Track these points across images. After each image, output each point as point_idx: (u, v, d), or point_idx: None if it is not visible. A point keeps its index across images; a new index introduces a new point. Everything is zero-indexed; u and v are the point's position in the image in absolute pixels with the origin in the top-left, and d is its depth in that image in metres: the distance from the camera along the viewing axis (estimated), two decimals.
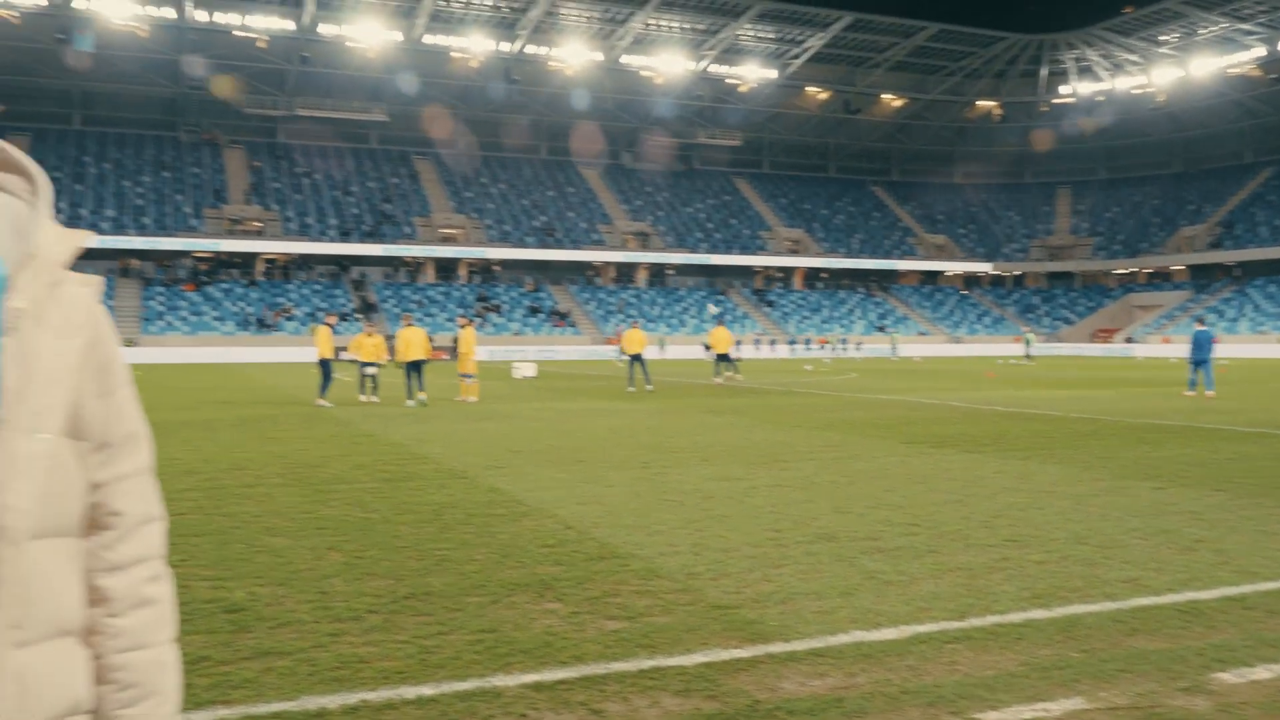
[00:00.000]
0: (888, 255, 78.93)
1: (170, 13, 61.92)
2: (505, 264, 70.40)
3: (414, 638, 4.86)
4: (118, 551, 1.44)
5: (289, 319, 58.16)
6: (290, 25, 64.50)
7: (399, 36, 66.16)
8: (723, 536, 7.16)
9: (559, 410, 19.11)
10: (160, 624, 1.48)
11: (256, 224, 64.86)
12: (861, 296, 76.21)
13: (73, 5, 59.10)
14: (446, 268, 69.26)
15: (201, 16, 62.81)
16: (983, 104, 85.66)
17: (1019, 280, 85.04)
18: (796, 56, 75.17)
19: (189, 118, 71.05)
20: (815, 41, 73.01)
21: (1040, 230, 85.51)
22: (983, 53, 78.73)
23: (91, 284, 1.45)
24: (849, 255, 77.33)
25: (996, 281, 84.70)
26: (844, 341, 65.65)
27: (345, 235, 65.19)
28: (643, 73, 74.25)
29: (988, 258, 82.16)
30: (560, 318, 64.68)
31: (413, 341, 20.73)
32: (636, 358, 25.60)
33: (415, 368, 20.70)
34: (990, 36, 76.55)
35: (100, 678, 1.42)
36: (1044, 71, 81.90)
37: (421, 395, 20.43)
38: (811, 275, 78.81)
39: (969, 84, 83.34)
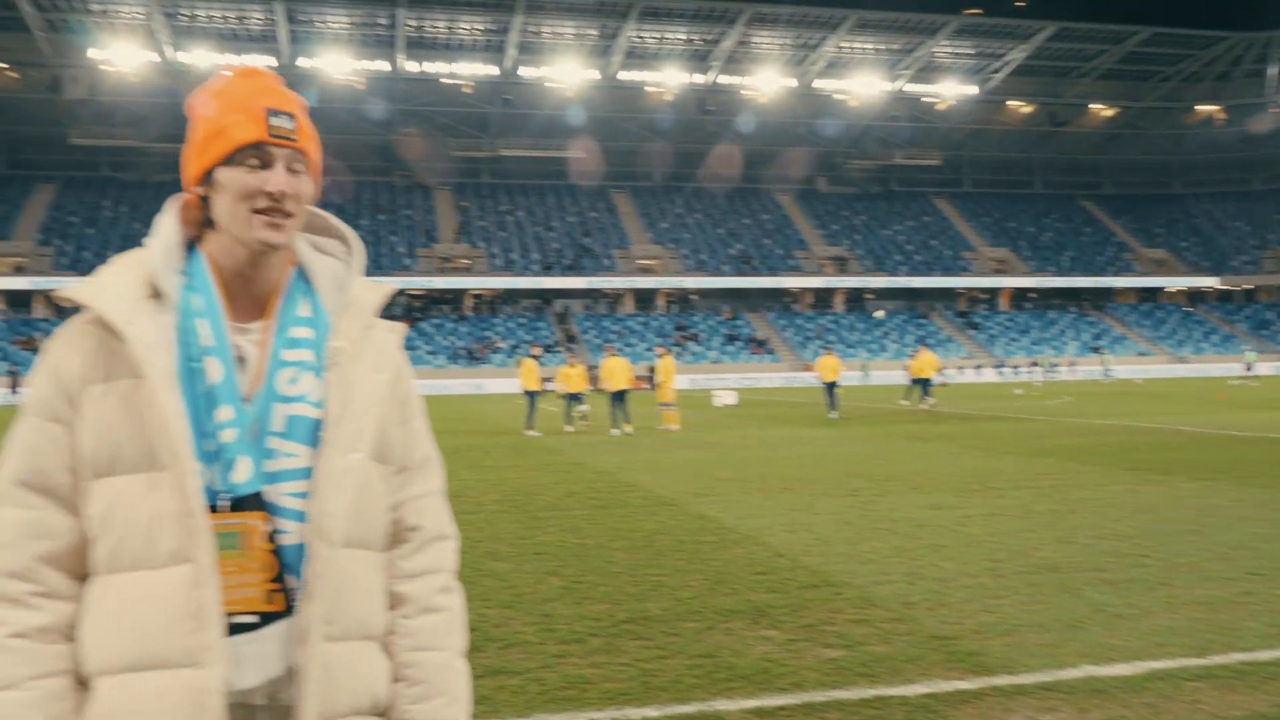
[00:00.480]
0: (1101, 272, 75.09)
1: (384, 65, 65.72)
2: (702, 293, 70.98)
3: (635, 661, 4.99)
4: (413, 562, 1.63)
5: (496, 351, 60.41)
6: (493, 70, 67.34)
7: (596, 74, 68.03)
8: (938, 566, 7.02)
9: (761, 437, 19.11)
10: (449, 631, 1.63)
11: (465, 261, 67.81)
12: (1074, 316, 72.77)
13: (297, 64, 63.60)
14: (645, 298, 70.42)
15: (412, 67, 66.40)
16: (1203, 108, 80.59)
17: (1250, 295, 79.22)
18: (997, 70, 72.92)
19: (401, 163, 75.04)
20: (1017, 54, 70.65)
21: (1273, 240, 79.50)
22: (1202, 54, 74.19)
23: (396, 329, 1.70)
24: (1059, 274, 74.04)
25: (1224, 297, 79.17)
26: (1055, 364, 62.82)
27: (547, 269, 67.31)
28: (836, 96, 73.67)
29: (1214, 271, 76.95)
30: (758, 345, 64.63)
31: (616, 371, 21.19)
32: (830, 385, 25.33)
33: (619, 397, 21.14)
34: (1209, 37, 72.10)
35: (395, 675, 1.58)
36: (1273, 70, 76.42)
37: (628, 428, 20.80)
38: (1018, 295, 75.85)
39: (1187, 88, 78.67)
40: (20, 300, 61.22)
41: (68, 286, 1.51)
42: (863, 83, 71.30)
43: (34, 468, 1.48)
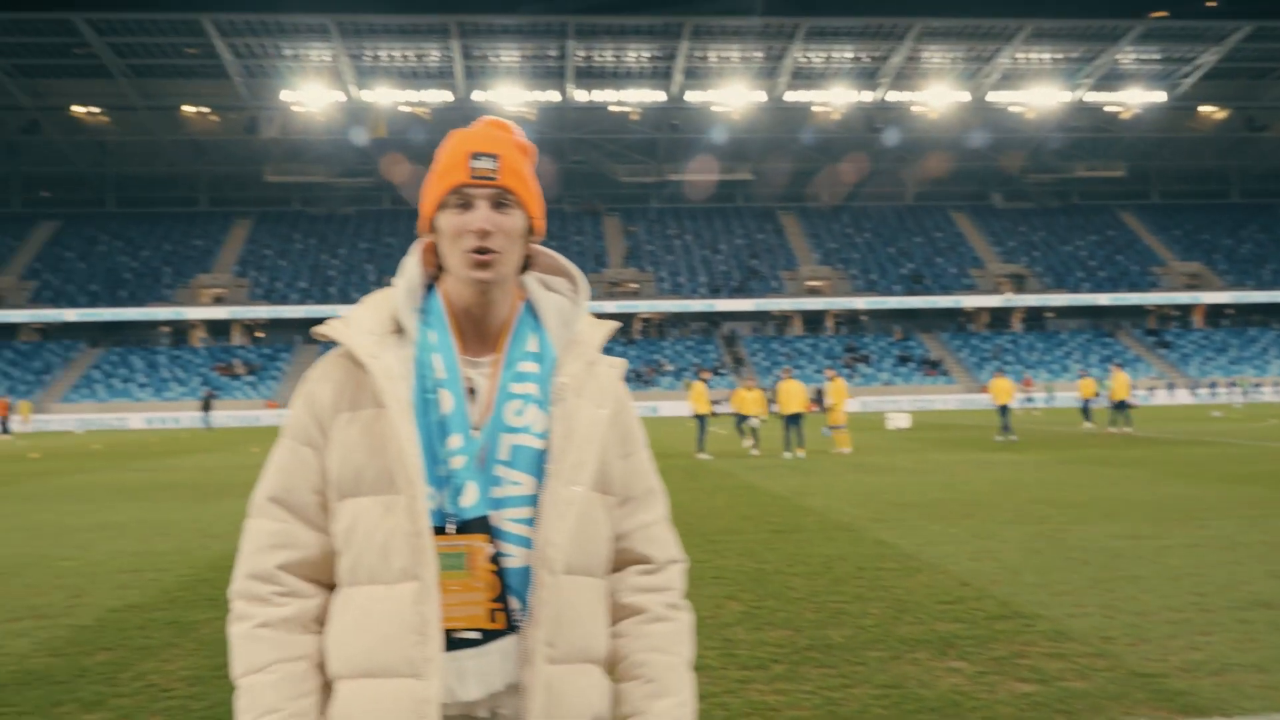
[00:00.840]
0: None
1: (554, 96, 67.42)
2: (872, 313, 69.75)
3: (818, 689, 4.92)
4: (644, 580, 1.72)
5: (664, 374, 60.86)
6: (660, 96, 68.15)
7: (762, 96, 67.98)
8: (1137, 599, 6.66)
9: (939, 462, 18.60)
10: (679, 639, 1.71)
11: (633, 285, 68.68)
12: (1277, 333, 68.09)
13: (472, 98, 65.91)
14: (813, 320, 69.70)
15: (581, 96, 67.88)
16: None
17: None
18: (1187, 75, 69.20)
19: (572, 190, 76.70)
20: (1209, 57, 66.90)
21: None
22: None
23: (618, 365, 1.78)
24: (1260, 288, 69.39)
25: None
26: (1257, 384, 58.90)
27: (715, 292, 67.47)
28: (1012, 108, 71.36)
29: None
30: (932, 366, 63.02)
31: (792, 394, 21.01)
32: (1003, 408, 24.47)
33: (794, 420, 20.94)
34: None
35: (626, 674, 1.68)
36: None
37: (800, 453, 20.58)
38: (1214, 312, 71.51)
39: None
40: (220, 329, 65.31)
41: (325, 323, 1.67)
42: (1040, 94, 68.87)
43: (285, 485, 1.64)
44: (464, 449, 1.57)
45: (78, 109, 67.56)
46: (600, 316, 1.81)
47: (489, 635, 1.54)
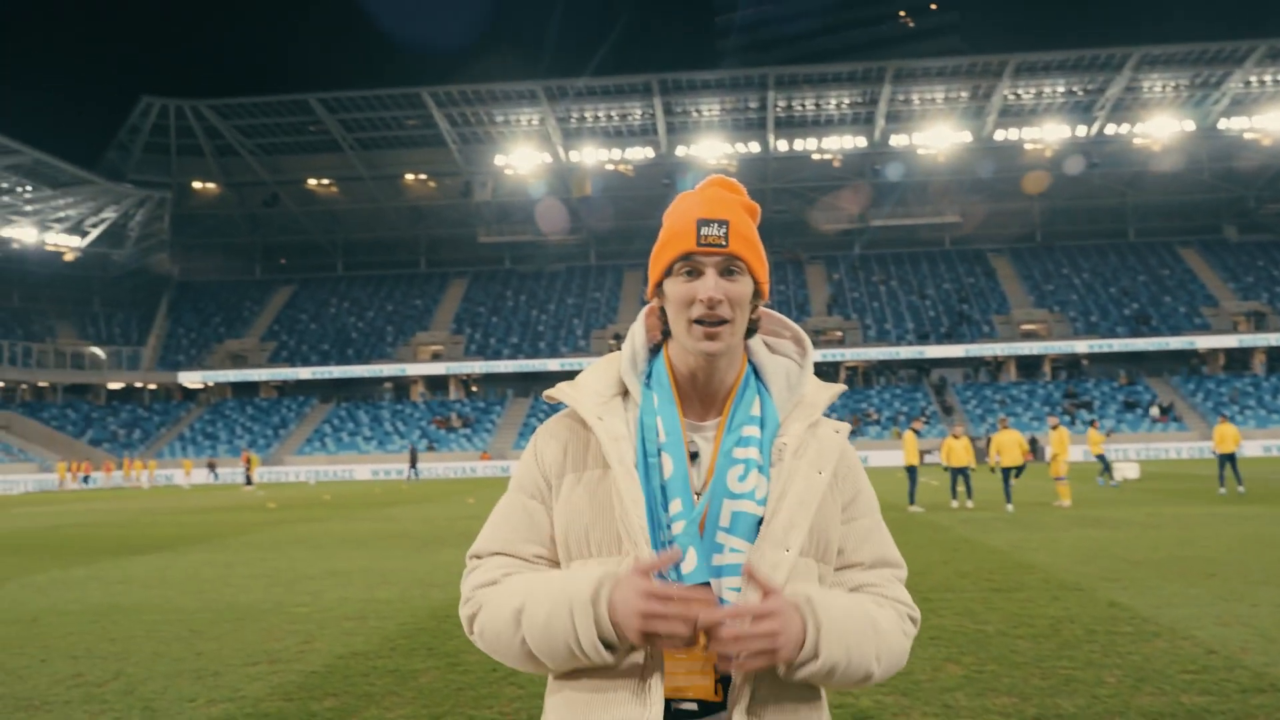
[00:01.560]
0: None
1: (755, 147, 67.79)
2: (1093, 357, 66.17)
3: None
4: (869, 574, 1.70)
5: (871, 424, 59.51)
6: (862, 142, 67.42)
7: (968, 137, 66.25)
8: None
9: (1174, 515, 17.31)
10: (893, 617, 1.65)
11: (838, 333, 67.72)
12: None
13: (675, 153, 67.08)
14: (1029, 365, 66.74)
15: (782, 146, 67.98)
16: None
17: None
18: None
19: (774, 240, 76.62)
20: None
21: None
22: None
23: (843, 428, 1.73)
24: None
25: None
26: None
27: (923, 338, 65.69)
28: (1246, 135, 66.76)
29: None
30: (1162, 412, 59.09)
31: (1008, 444, 20.06)
32: (1227, 457, 22.21)
33: (1011, 472, 19.98)
34: None
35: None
36: None
37: (1009, 506, 19.58)
38: None
39: None
40: (438, 384, 68.37)
41: (556, 387, 1.71)
42: (1276, 118, 64.17)
43: (508, 539, 1.68)
44: (684, 514, 1.55)
45: (311, 181, 72.73)
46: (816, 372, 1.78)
47: (705, 707, 1.51)
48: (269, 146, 69.24)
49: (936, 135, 66.21)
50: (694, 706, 1.50)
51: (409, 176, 72.53)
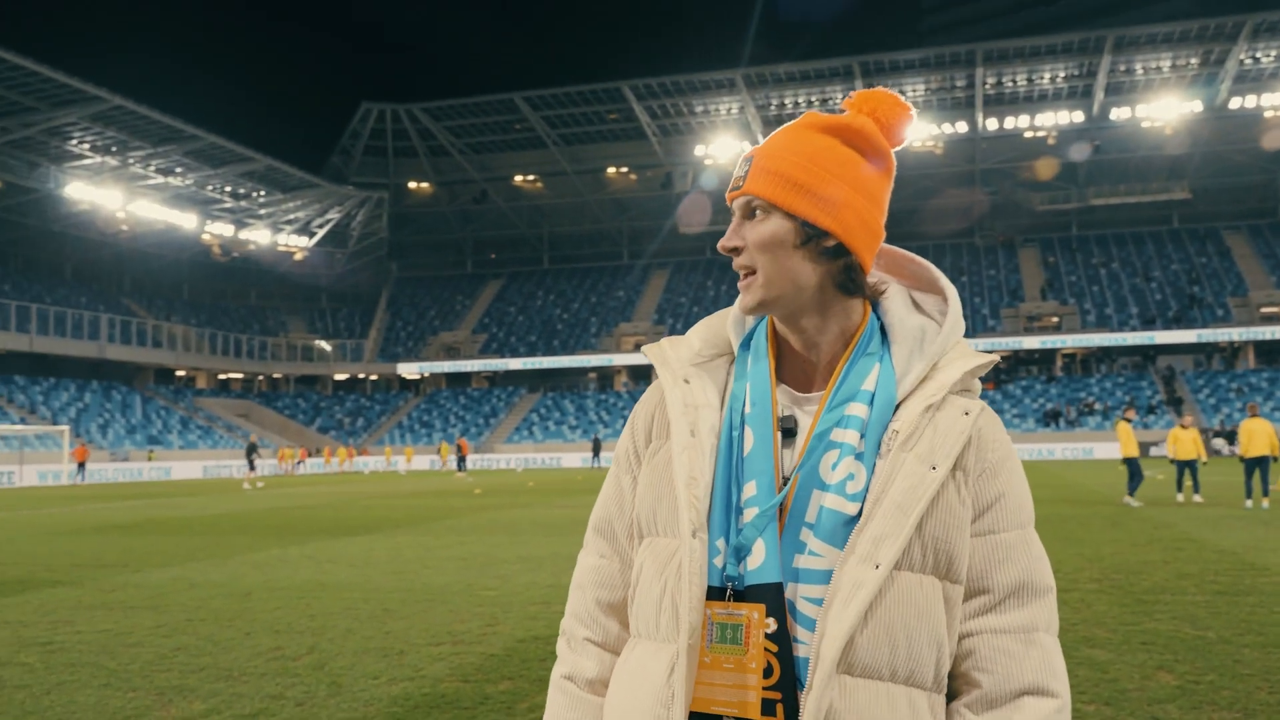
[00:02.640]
0: None
1: (963, 126, 65.30)
2: None
3: None
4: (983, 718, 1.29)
5: (1091, 414, 56.38)
6: (1079, 117, 63.88)
7: (1198, 106, 61.67)
8: None
9: None
10: None
11: (1053, 319, 64.51)
12: None
13: None
14: (1270, 351, 61.63)
15: (991, 124, 65.21)
16: None
17: None
18: None
19: (984, 223, 73.71)
20: None
21: None
22: None
23: (975, 408, 1.35)
24: None
25: None
26: None
27: (1148, 323, 61.69)
28: None
29: None
30: None
31: (1256, 434, 18.32)
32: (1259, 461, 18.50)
33: (1257, 464, 18.31)
34: None
35: None
36: None
37: (1264, 502, 18.00)
38: None
39: None
40: (642, 374, 69.27)
41: (657, 342, 1.50)
42: None
43: (604, 516, 1.51)
44: (759, 500, 1.30)
45: (518, 178, 75.05)
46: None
47: None
48: (478, 145, 71.86)
49: (1162, 106, 61.91)
50: None
51: (611, 170, 73.73)
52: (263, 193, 67.05)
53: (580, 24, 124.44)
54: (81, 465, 41.94)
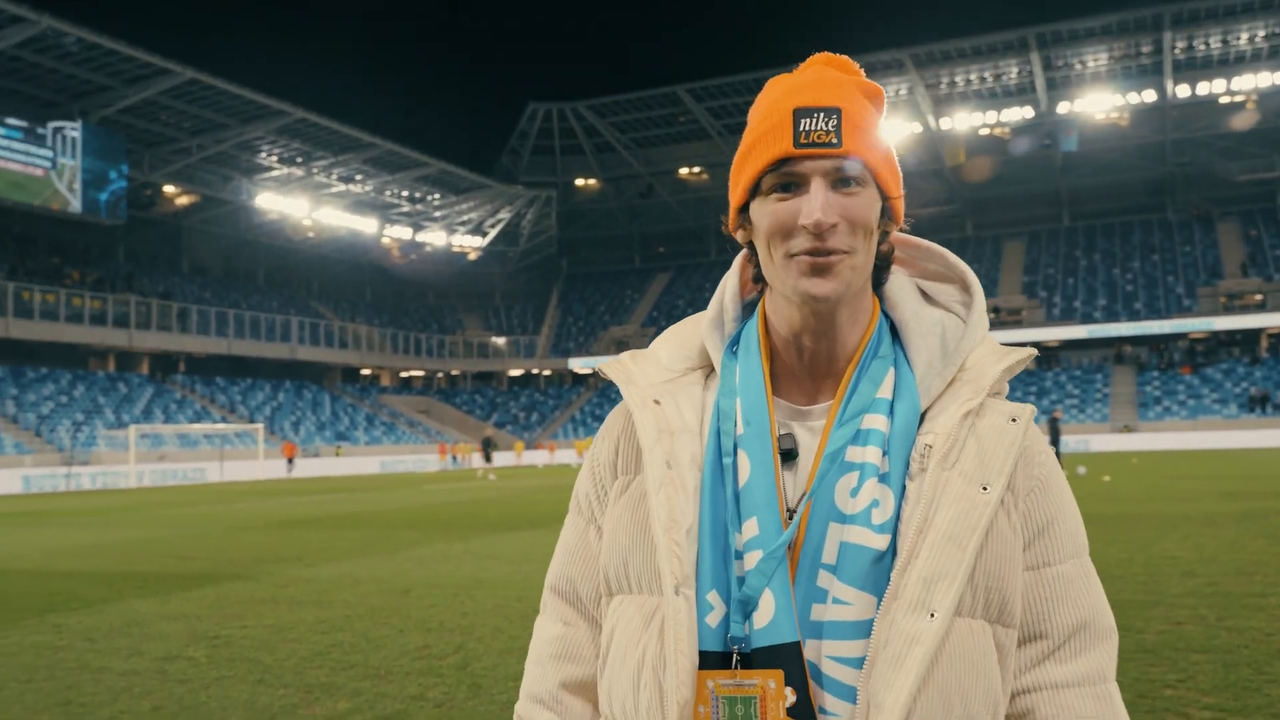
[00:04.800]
0: None
1: (1150, 95, 61.59)
2: None
3: None
4: None
5: None
6: None
7: None
8: None
9: None
10: None
11: (1257, 297, 60.16)
12: None
13: (1056, 111, 62.47)
14: None
15: (1182, 91, 61.26)
16: None
17: None
18: None
19: (1176, 196, 69.43)
20: None
21: None
22: None
23: (1022, 414, 1.14)
24: None
25: None
26: None
27: None
28: None
29: None
30: None
31: None
32: None
33: None
34: None
35: None
36: None
37: None
38: None
39: None
40: None
41: (616, 357, 1.24)
42: None
43: (564, 574, 1.26)
44: (763, 541, 1.07)
45: (683, 170, 75.14)
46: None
47: None
48: (642, 140, 72.27)
49: None
50: None
51: None
52: (437, 196, 69.29)
53: (742, 10, 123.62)
54: (290, 461, 45.26)
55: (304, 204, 61.70)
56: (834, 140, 1.09)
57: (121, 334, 49.53)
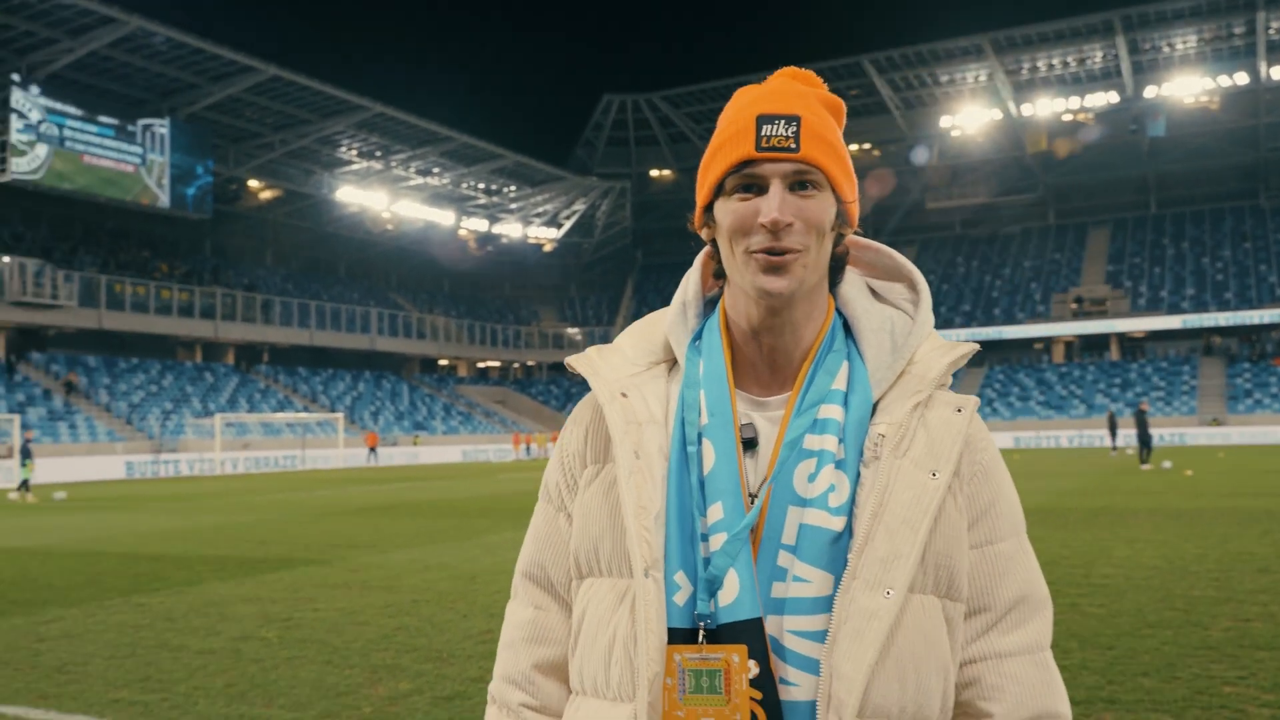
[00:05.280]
0: None
1: (1242, 78, 59.66)
2: None
3: None
4: None
5: None
6: None
7: None
8: None
9: None
10: None
11: None
12: None
13: (1143, 96, 60.83)
14: None
15: (1277, 74, 59.22)
16: None
17: None
18: None
19: (1270, 182, 67.14)
20: None
21: None
22: None
23: (968, 405, 1.22)
24: None
25: None
26: None
27: None
28: None
29: None
30: None
31: None
32: None
33: None
34: None
35: None
36: None
37: None
38: None
39: None
40: None
41: (583, 352, 1.32)
42: None
43: (536, 560, 1.32)
44: (727, 524, 1.14)
45: None
46: None
47: None
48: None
49: None
50: None
51: (853, 146, 72.05)
52: (513, 188, 69.90)
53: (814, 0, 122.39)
54: (373, 450, 46.27)
55: (383, 197, 62.72)
56: (793, 145, 1.17)
57: (208, 325, 50.93)
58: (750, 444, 1.19)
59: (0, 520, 18.96)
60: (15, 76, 41.33)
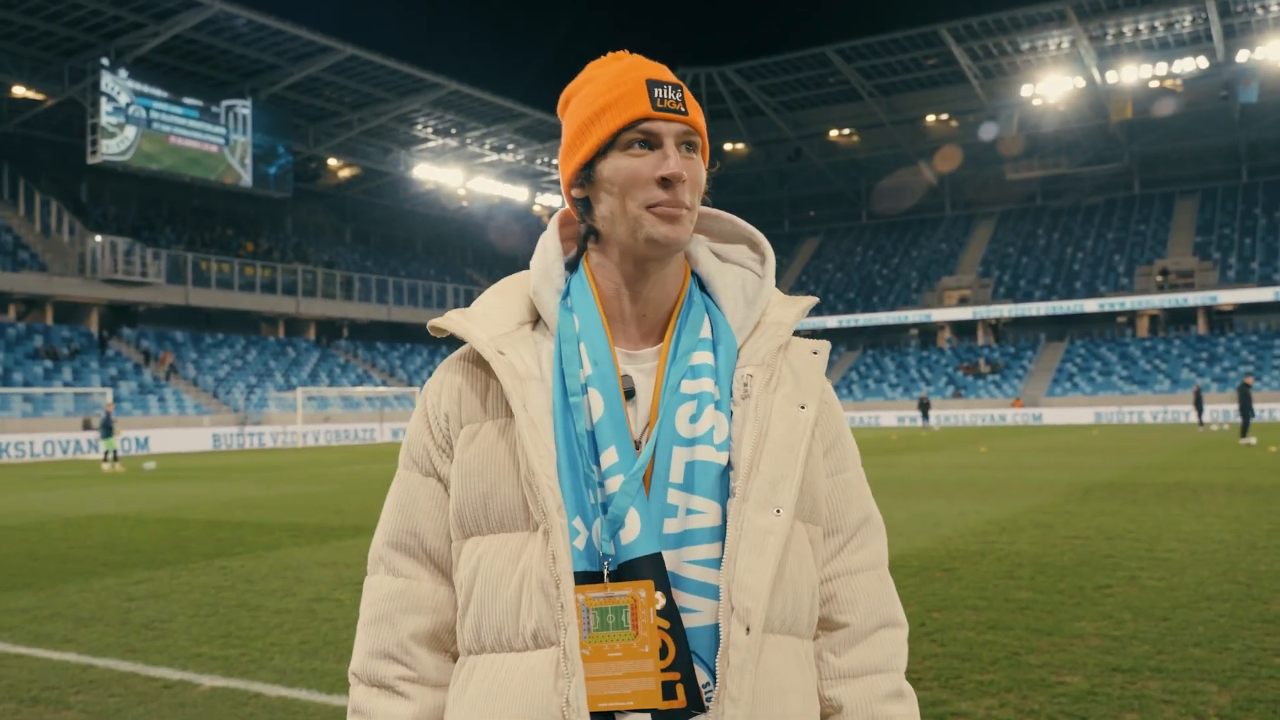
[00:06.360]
0: None
1: None
2: None
3: None
4: (848, 658, 1.31)
5: None
6: None
7: None
8: None
9: None
10: None
11: None
12: None
13: (1235, 60, 58.81)
14: None
15: None
16: None
17: None
18: None
19: None
20: None
21: None
22: None
23: (821, 348, 1.36)
24: None
25: None
26: None
27: None
28: None
29: None
30: None
31: None
32: None
33: None
34: None
35: None
36: None
37: None
38: None
39: None
40: (965, 329, 66.64)
41: (445, 315, 1.37)
42: None
43: (406, 528, 1.33)
44: (623, 466, 1.21)
45: (833, 133, 73.88)
46: None
47: (663, 717, 1.16)
48: (790, 103, 71.28)
49: None
50: (645, 718, 1.16)
51: (930, 118, 70.91)
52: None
53: None
54: None
55: (458, 174, 63.37)
56: (682, 109, 1.28)
57: (290, 301, 52.14)
58: (630, 394, 1.27)
59: (93, 489, 19.82)
60: (104, 61, 42.56)
